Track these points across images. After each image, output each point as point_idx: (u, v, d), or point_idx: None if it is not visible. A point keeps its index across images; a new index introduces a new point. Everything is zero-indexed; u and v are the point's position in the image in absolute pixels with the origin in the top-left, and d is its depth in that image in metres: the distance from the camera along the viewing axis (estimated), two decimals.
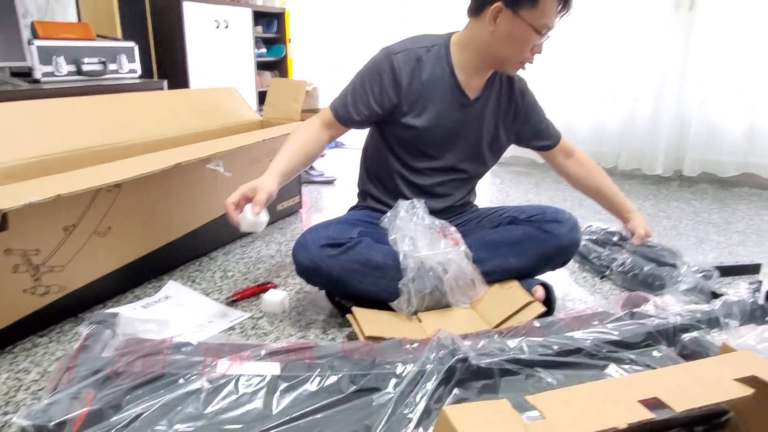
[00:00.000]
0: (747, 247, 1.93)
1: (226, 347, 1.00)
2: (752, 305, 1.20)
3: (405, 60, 1.30)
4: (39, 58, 2.21)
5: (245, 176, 1.92)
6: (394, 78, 1.30)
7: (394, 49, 1.31)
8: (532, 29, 1.22)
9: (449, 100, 1.34)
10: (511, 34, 1.24)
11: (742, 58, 2.69)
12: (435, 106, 1.34)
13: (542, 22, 1.22)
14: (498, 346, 0.98)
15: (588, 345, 1.01)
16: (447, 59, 1.33)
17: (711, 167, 2.88)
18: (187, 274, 1.64)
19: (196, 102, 2.11)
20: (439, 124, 1.35)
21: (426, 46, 1.33)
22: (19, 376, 1.11)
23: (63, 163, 1.48)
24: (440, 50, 1.33)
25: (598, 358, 1.00)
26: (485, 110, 1.39)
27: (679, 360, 1.02)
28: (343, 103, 1.34)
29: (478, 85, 1.36)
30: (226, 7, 3.22)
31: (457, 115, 1.36)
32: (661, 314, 1.13)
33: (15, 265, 1.20)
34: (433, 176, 1.41)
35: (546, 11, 1.21)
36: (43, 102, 1.61)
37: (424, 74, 1.31)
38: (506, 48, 1.26)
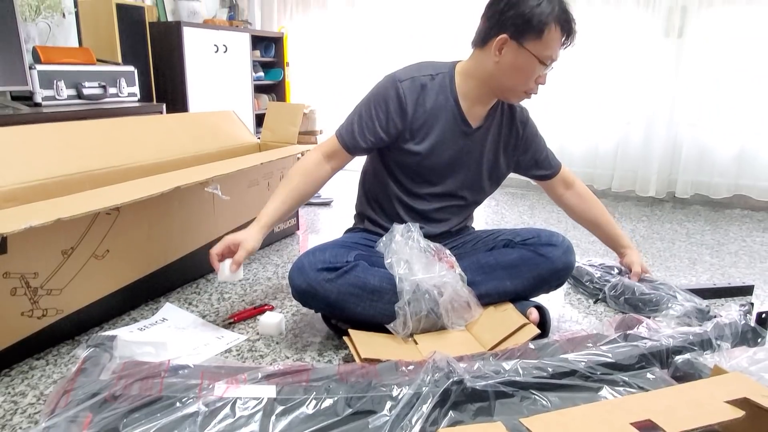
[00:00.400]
0: (739, 268, 1.96)
1: (222, 370, 1.00)
2: (744, 327, 1.21)
3: (410, 88, 1.32)
4: (40, 82, 2.24)
5: (243, 199, 1.95)
6: (399, 105, 1.32)
7: (400, 77, 1.33)
8: (536, 60, 1.26)
9: (452, 128, 1.36)
10: (516, 64, 1.27)
11: (731, 82, 2.76)
12: (437, 134, 1.36)
13: (546, 54, 1.26)
14: (493, 368, 0.99)
15: (582, 367, 1.02)
16: (451, 88, 1.35)
17: (703, 189, 2.92)
18: (184, 296, 1.64)
19: (194, 125, 2.14)
20: (441, 152, 1.38)
21: (431, 74, 1.35)
22: (15, 399, 1.11)
23: (63, 186, 1.50)
24: (445, 79, 1.36)
25: (592, 380, 1.01)
26: (486, 139, 1.42)
27: (672, 382, 1.03)
28: (349, 131, 1.35)
29: (480, 114, 1.39)
30: (225, 32, 3.28)
31: (458, 143, 1.38)
32: (654, 336, 1.14)
33: (13, 288, 1.21)
34: (432, 202, 1.43)
35: (550, 43, 1.25)
36: (42, 126, 1.63)
37: (429, 102, 1.34)
38: (511, 78, 1.30)
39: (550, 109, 3.14)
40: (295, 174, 1.35)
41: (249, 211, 1.99)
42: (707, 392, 0.88)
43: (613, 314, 1.55)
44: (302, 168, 1.35)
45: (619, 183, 3.08)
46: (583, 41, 3.00)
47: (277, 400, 0.89)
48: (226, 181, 1.73)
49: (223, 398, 0.88)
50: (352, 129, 1.35)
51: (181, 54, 2.98)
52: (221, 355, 1.30)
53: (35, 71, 2.22)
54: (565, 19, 1.26)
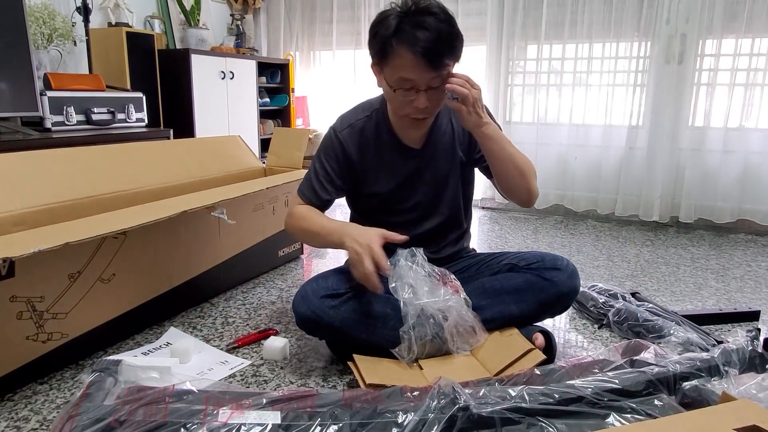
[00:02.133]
0: (745, 293, 1.95)
1: (227, 395, 1.00)
2: (751, 353, 1.20)
3: (350, 134, 1.38)
4: (50, 108, 2.28)
5: (248, 223, 1.96)
6: (345, 154, 1.38)
7: (339, 127, 1.39)
8: (388, 86, 1.23)
9: (397, 158, 1.39)
10: (385, 91, 1.28)
11: (732, 107, 2.78)
12: (388, 169, 1.40)
13: (396, 77, 1.20)
14: (499, 394, 0.98)
15: (589, 393, 1.01)
16: (385, 123, 1.38)
17: (707, 213, 2.92)
18: (188, 321, 1.64)
19: (201, 150, 2.17)
20: (397, 182, 1.40)
21: (366, 115, 1.39)
22: (18, 424, 1.11)
23: (70, 210, 1.51)
24: (378, 115, 1.39)
25: (599, 407, 1.00)
26: (435, 152, 1.40)
27: (680, 409, 1.02)
28: (310, 188, 1.40)
29: (419, 136, 1.39)
30: (232, 59, 3.34)
31: (409, 167, 1.40)
32: (661, 362, 1.13)
33: (19, 312, 1.22)
34: (414, 228, 1.44)
35: (396, 67, 1.19)
36: (51, 151, 1.66)
37: (370, 143, 1.38)
38: (389, 104, 1.32)
39: (553, 134, 3.16)
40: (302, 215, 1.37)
41: (254, 236, 2.01)
42: (716, 420, 0.87)
43: (619, 340, 1.54)
44: (302, 210, 1.39)
45: (622, 208, 3.09)
46: (585, 66, 3.08)
47: (282, 427, 0.89)
48: (231, 205, 1.74)
49: (228, 424, 0.88)
50: (312, 185, 1.40)
51: (188, 80, 3.03)
52: (225, 380, 1.29)
53: (46, 97, 2.26)
54: (410, 41, 1.14)
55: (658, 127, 2.94)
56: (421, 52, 1.14)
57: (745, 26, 2.68)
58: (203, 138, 2.88)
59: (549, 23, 3.10)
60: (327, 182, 1.39)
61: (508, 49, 3.22)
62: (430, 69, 1.17)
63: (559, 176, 3.20)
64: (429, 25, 1.15)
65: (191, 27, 3.31)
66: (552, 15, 3.09)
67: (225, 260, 1.86)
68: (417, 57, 1.15)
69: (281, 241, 2.17)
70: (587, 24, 3.01)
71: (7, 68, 2.12)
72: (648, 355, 1.18)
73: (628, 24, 2.93)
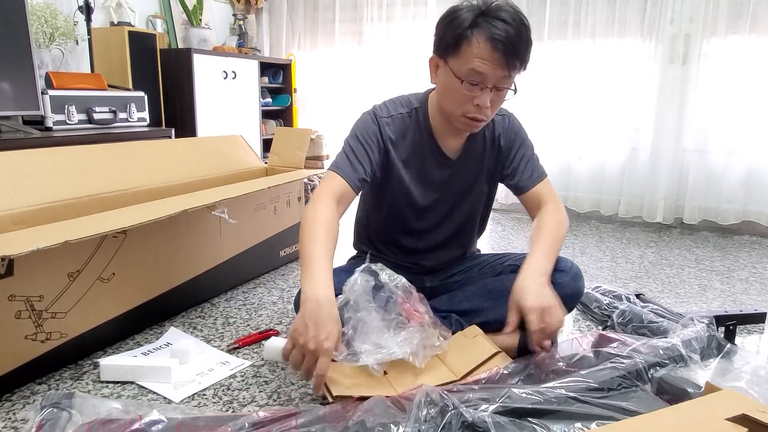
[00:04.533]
0: (751, 295, 1.93)
1: (200, 421, 0.94)
2: (709, 339, 1.20)
3: (390, 125, 1.31)
4: (51, 107, 2.27)
5: (249, 223, 1.95)
6: (383, 139, 1.31)
7: (379, 113, 1.32)
8: (455, 78, 1.15)
9: (431, 163, 1.35)
10: (445, 85, 1.20)
11: (737, 108, 2.76)
12: (420, 171, 1.35)
13: (467, 69, 1.14)
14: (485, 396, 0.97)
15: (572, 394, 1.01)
16: (426, 124, 1.33)
17: (711, 215, 2.90)
18: (189, 321, 1.63)
19: (202, 150, 2.16)
20: (425, 188, 1.36)
21: (407, 111, 1.33)
22: (16, 425, 1.10)
23: (71, 209, 1.50)
24: (419, 114, 1.33)
25: (588, 404, 1.00)
26: (465, 166, 1.38)
27: (659, 400, 1.03)
28: (347, 163, 1.27)
29: (457, 145, 1.36)
30: (234, 59, 3.33)
31: (440, 176, 1.36)
32: (623, 352, 1.14)
33: (18, 311, 1.21)
34: (427, 235, 1.43)
35: (469, 57, 1.13)
36: (51, 150, 1.65)
37: (407, 141, 1.33)
38: (445, 101, 1.23)
39: (556, 135, 3.15)
40: (317, 227, 1.16)
41: (255, 235, 2.00)
42: (706, 411, 0.87)
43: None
44: (322, 219, 1.18)
45: (626, 209, 3.07)
46: (588, 67, 3.06)
47: None
48: (233, 204, 1.73)
49: None
50: (349, 161, 1.27)
51: (190, 80, 3.02)
52: (225, 380, 1.28)
53: (47, 96, 2.25)
54: (492, 31, 1.11)
55: (661, 127, 2.93)
56: (501, 45, 1.11)
57: (750, 26, 2.67)
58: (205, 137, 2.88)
59: (552, 23, 3.09)
60: (366, 161, 1.27)
61: None
62: (504, 65, 1.13)
63: (563, 177, 3.18)
64: (509, 20, 1.13)
65: (193, 26, 3.31)
66: (555, 15, 3.08)
67: (226, 260, 1.85)
68: (494, 49, 1.11)
69: (283, 241, 2.16)
70: (591, 24, 2.99)
71: (9, 67, 2.11)
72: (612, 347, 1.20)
73: (632, 24, 2.91)
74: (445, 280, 1.49)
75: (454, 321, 1.36)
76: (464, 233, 1.49)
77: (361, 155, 1.28)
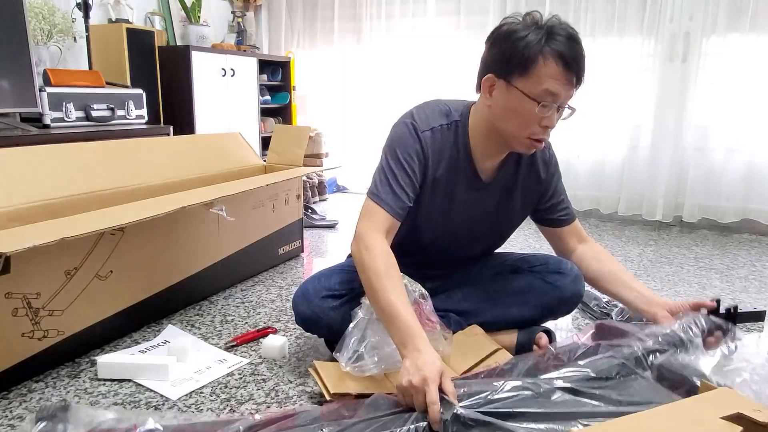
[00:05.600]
0: (750, 293, 1.92)
1: (197, 426, 0.93)
2: (708, 323, 1.18)
3: (431, 139, 1.21)
4: (49, 104, 2.26)
5: (247, 220, 1.94)
6: (424, 156, 1.21)
7: (420, 126, 1.21)
8: (527, 98, 1.09)
9: (462, 183, 1.26)
10: (509, 106, 1.13)
11: (737, 106, 2.76)
12: (446, 189, 1.26)
13: (540, 90, 1.08)
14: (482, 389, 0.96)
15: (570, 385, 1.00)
16: (464, 140, 1.24)
17: (710, 213, 2.90)
18: (187, 318, 1.63)
19: (201, 147, 2.15)
20: (450, 208, 1.28)
21: (447, 123, 1.23)
22: (12, 423, 1.09)
23: (68, 206, 1.50)
24: (458, 128, 1.24)
25: (583, 395, 0.99)
26: (497, 189, 1.30)
27: (660, 387, 1.02)
28: (390, 193, 1.17)
29: (492, 167, 1.28)
30: (233, 56, 3.32)
31: (468, 197, 1.28)
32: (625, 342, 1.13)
33: (14, 308, 1.20)
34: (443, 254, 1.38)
35: (541, 77, 1.08)
36: (49, 147, 1.64)
37: (445, 157, 1.23)
38: (507, 123, 1.15)
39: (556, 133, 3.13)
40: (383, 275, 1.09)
41: (254, 233, 1.99)
42: (702, 410, 0.87)
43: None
44: (383, 263, 1.10)
45: (625, 207, 3.06)
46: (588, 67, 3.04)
47: None
48: (231, 202, 1.73)
49: None
50: (392, 190, 1.17)
51: (189, 77, 3.01)
52: (223, 377, 1.28)
53: (45, 93, 2.24)
54: (562, 50, 1.08)
55: (661, 125, 2.92)
56: (573, 64, 1.09)
57: (750, 24, 2.66)
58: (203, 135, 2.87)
59: None
60: (409, 187, 1.18)
61: None
62: (573, 84, 1.11)
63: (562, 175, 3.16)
64: (574, 38, 1.11)
65: (192, 24, 3.30)
66: (554, 12, 3.05)
67: (224, 257, 1.85)
68: (567, 69, 1.08)
69: (281, 238, 2.15)
70: (590, 21, 2.99)
71: (7, 64, 2.11)
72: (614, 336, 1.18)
73: (632, 21, 2.91)
74: (445, 281, 1.47)
75: (453, 321, 1.35)
76: (480, 253, 1.45)
77: (404, 182, 1.18)
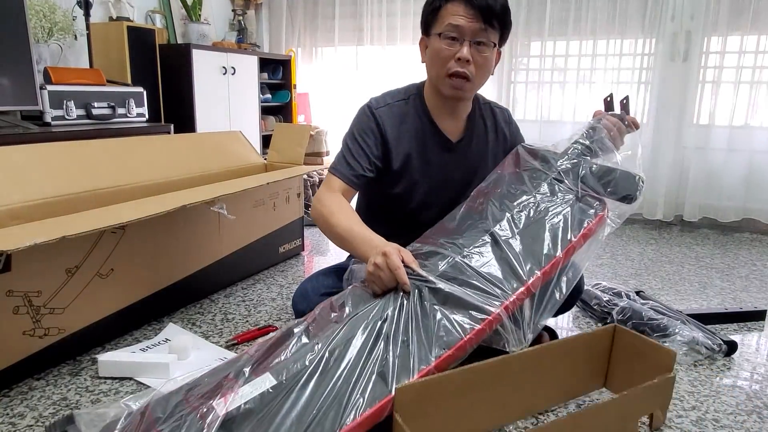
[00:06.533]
0: (751, 292, 1.92)
1: (204, 379, 0.97)
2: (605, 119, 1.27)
3: (387, 114, 1.33)
4: (50, 102, 2.26)
5: (248, 219, 1.94)
6: (380, 131, 1.32)
7: (375, 105, 1.34)
8: (438, 38, 1.24)
9: (432, 146, 1.35)
10: (430, 54, 1.28)
11: (738, 105, 2.75)
12: (422, 154, 1.35)
13: (444, 25, 1.22)
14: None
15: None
16: (423, 108, 1.35)
17: (711, 212, 2.90)
18: (188, 317, 1.63)
19: (201, 145, 2.15)
20: (429, 172, 1.36)
21: (404, 98, 1.36)
22: (14, 420, 1.09)
23: (69, 205, 1.50)
24: (416, 100, 1.36)
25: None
26: (469, 150, 1.40)
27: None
28: (344, 164, 1.31)
29: (457, 127, 1.38)
30: (234, 55, 3.32)
31: (442, 159, 1.37)
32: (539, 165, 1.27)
33: (16, 306, 1.20)
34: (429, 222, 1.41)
35: (445, 17, 1.22)
36: (50, 145, 1.64)
37: (408, 126, 1.34)
38: (431, 68, 1.29)
39: (556, 132, 3.14)
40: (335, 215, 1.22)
41: (254, 232, 1.99)
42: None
43: None
44: (334, 206, 1.24)
45: None
46: (588, 62, 3.05)
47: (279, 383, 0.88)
48: (232, 200, 1.73)
49: (230, 412, 0.84)
50: (346, 161, 1.31)
51: (189, 75, 3.01)
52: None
53: (46, 91, 2.24)
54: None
55: (662, 125, 2.92)
56: (473, 1, 1.19)
57: (751, 23, 2.66)
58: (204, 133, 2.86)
59: (553, 19, 3.07)
60: (362, 158, 1.30)
61: (511, 46, 3.19)
62: (479, 17, 1.20)
63: None
64: None
65: (192, 22, 3.29)
66: (556, 11, 3.07)
67: (225, 256, 1.85)
68: (468, 5, 1.20)
69: (282, 237, 2.15)
70: (591, 20, 2.98)
71: (7, 62, 2.10)
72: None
73: (633, 21, 2.91)
74: None
75: None
76: None
77: (357, 153, 1.31)
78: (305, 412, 0.84)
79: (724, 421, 1.13)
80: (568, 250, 1.09)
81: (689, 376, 1.31)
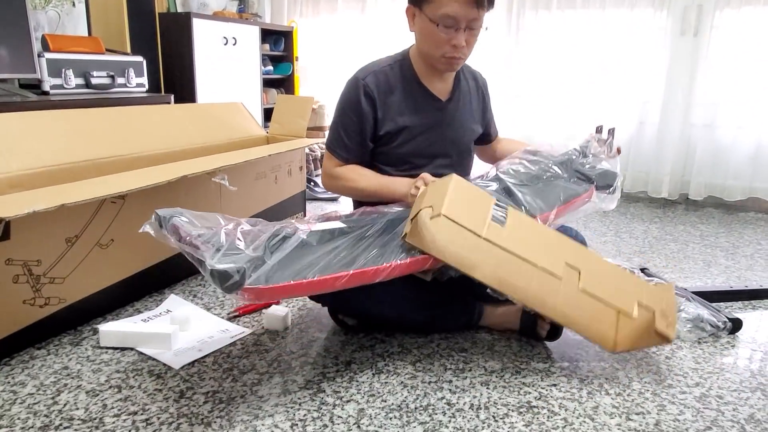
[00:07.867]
0: (756, 271, 1.91)
1: (258, 225, 1.16)
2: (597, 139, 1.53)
3: (374, 81, 1.34)
4: (48, 71, 2.21)
5: (250, 191, 1.92)
6: (369, 99, 1.33)
7: (361, 75, 1.35)
8: (432, 23, 1.24)
9: (423, 106, 1.38)
10: (422, 31, 1.29)
11: (748, 82, 2.70)
12: (413, 117, 1.37)
13: (440, 14, 1.22)
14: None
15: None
16: (411, 70, 1.38)
17: (717, 191, 2.87)
18: (189, 289, 1.62)
19: (202, 116, 2.12)
20: (421, 131, 1.38)
21: (389, 64, 1.38)
22: (15, 389, 1.09)
23: (68, 173, 1.47)
24: (402, 64, 1.38)
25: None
26: (458, 109, 1.43)
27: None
28: (339, 141, 1.37)
29: (445, 87, 1.41)
30: (235, 25, 3.25)
31: (434, 118, 1.39)
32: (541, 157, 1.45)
33: (15, 275, 1.19)
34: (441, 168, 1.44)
35: (441, 3, 1.22)
36: (49, 113, 1.61)
37: (395, 88, 1.36)
38: (423, 45, 1.31)
39: (563, 107, 3.09)
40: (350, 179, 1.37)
41: (256, 204, 1.97)
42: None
43: None
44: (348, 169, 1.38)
45: (631, 183, 3.04)
46: (596, 38, 2.99)
47: (349, 226, 1.17)
48: (233, 171, 1.71)
49: (313, 231, 1.12)
50: (341, 138, 1.37)
51: (190, 45, 2.95)
52: (226, 348, 1.27)
53: (44, 59, 2.19)
54: None
55: (670, 101, 2.87)
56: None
57: None
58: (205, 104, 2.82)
59: None
60: (355, 134, 1.36)
61: (518, 18, 3.13)
62: (473, 6, 1.22)
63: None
64: None
65: None
66: None
67: None
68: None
69: (284, 210, 2.13)
70: None
71: (4, 29, 2.06)
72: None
73: None
74: None
75: None
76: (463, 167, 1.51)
77: (349, 128, 1.36)
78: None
79: (728, 398, 1.13)
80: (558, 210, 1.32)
81: (693, 353, 1.30)
